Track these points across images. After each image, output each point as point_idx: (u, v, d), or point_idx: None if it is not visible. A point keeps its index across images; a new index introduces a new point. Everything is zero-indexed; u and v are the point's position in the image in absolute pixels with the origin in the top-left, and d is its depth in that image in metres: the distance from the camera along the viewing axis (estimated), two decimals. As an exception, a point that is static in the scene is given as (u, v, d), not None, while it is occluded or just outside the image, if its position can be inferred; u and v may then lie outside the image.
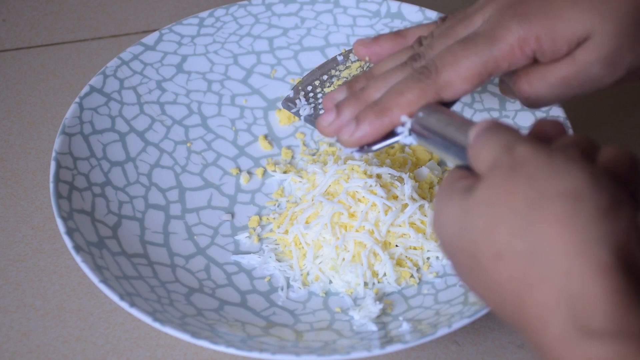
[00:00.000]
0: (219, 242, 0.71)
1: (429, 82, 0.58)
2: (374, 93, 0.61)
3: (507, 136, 0.49)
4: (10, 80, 0.84)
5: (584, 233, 0.44)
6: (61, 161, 0.70)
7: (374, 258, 0.68)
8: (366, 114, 0.60)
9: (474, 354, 0.66)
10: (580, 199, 0.45)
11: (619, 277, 0.43)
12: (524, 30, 0.57)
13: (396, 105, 0.59)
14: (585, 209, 0.44)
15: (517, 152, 0.47)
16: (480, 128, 0.51)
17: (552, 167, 0.46)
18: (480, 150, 0.50)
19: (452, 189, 0.50)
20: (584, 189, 0.45)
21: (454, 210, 0.49)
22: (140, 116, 0.76)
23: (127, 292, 0.64)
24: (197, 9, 0.90)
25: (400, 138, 0.60)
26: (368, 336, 0.64)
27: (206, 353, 0.66)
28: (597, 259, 0.43)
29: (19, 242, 0.73)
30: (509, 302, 0.46)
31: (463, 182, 0.50)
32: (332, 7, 0.81)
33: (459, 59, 0.58)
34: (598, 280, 0.43)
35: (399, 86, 0.59)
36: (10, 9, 0.90)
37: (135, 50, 0.77)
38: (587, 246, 0.44)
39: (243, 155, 0.77)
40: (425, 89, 0.58)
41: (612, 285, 0.43)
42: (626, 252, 0.44)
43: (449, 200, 0.49)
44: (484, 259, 0.47)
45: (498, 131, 0.50)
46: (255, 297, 0.68)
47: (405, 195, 0.69)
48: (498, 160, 0.48)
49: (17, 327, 0.68)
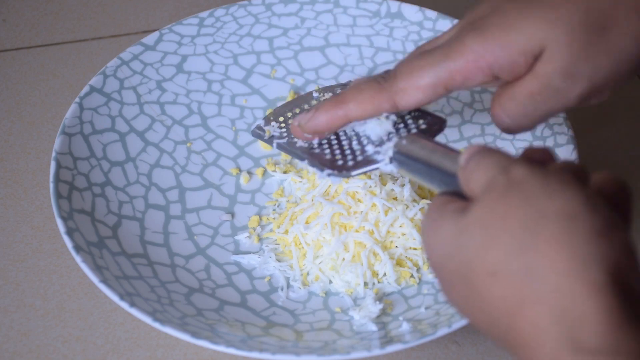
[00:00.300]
0: (219, 242, 0.71)
1: (385, 85, 0.60)
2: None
3: (501, 158, 0.49)
4: (10, 80, 0.84)
5: (579, 253, 0.44)
6: (61, 161, 0.70)
7: (374, 258, 0.68)
8: (324, 103, 0.62)
9: (474, 354, 0.66)
10: (575, 219, 0.45)
11: (613, 296, 0.43)
12: (478, 43, 0.57)
13: (352, 100, 0.61)
14: (581, 229, 0.45)
15: (512, 172, 0.47)
16: (471, 152, 0.51)
17: (547, 187, 0.46)
18: (473, 172, 0.50)
19: (443, 211, 0.50)
20: (579, 209, 0.45)
21: (447, 231, 0.49)
22: (140, 116, 0.76)
23: (127, 292, 0.64)
24: (197, 9, 0.90)
25: (380, 165, 0.61)
26: (368, 336, 0.64)
27: (206, 353, 0.66)
28: (592, 278, 0.44)
29: (19, 242, 0.73)
30: (501, 321, 0.46)
31: (453, 205, 0.50)
32: (332, 7, 0.81)
33: (414, 68, 0.59)
34: (592, 299, 0.43)
35: (359, 84, 0.62)
36: (10, 9, 0.90)
37: (135, 50, 0.77)
38: (582, 266, 0.44)
39: (243, 155, 0.77)
40: (381, 90, 0.60)
41: (606, 304, 0.43)
42: (620, 272, 0.44)
43: (441, 221, 0.49)
44: (477, 278, 0.47)
45: (491, 154, 0.50)
46: (255, 297, 0.68)
47: (405, 196, 0.69)
48: (493, 181, 0.48)
49: (17, 327, 0.68)
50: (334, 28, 0.81)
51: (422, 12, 0.79)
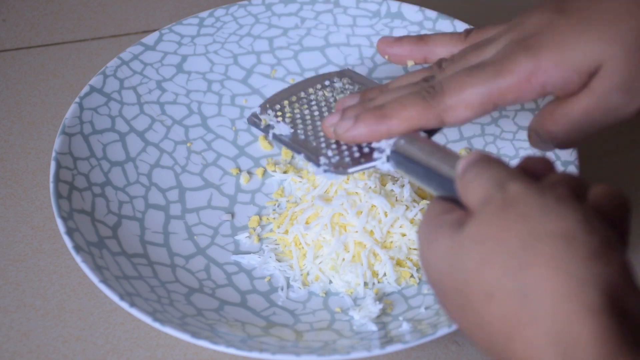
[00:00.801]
0: (219, 242, 0.71)
1: (433, 102, 0.59)
2: (379, 103, 0.61)
3: (498, 171, 0.49)
4: (10, 80, 0.84)
5: (574, 275, 0.44)
6: (61, 161, 0.70)
7: (374, 258, 0.68)
8: (366, 115, 0.60)
9: (474, 354, 0.66)
10: (571, 240, 0.45)
11: (609, 319, 0.43)
12: (532, 62, 0.57)
13: (396, 116, 0.59)
14: (577, 250, 0.44)
15: (509, 189, 0.47)
16: (469, 160, 0.50)
17: (544, 206, 0.46)
18: (470, 183, 0.49)
19: (441, 222, 0.49)
20: (575, 229, 0.45)
21: (444, 246, 0.48)
22: (140, 116, 0.76)
23: (127, 292, 0.64)
24: (197, 9, 0.90)
25: (377, 164, 0.60)
26: (368, 336, 0.64)
27: (206, 353, 0.66)
28: (588, 301, 0.43)
29: (19, 242, 0.73)
30: (499, 341, 0.46)
31: (450, 215, 0.50)
32: (332, 7, 0.81)
33: (465, 85, 0.58)
34: (588, 322, 0.43)
35: (403, 99, 0.60)
36: (10, 9, 0.90)
37: (135, 50, 0.77)
38: (577, 288, 0.44)
39: (243, 155, 0.77)
40: (427, 107, 0.59)
41: (602, 327, 0.43)
42: (616, 294, 0.44)
43: (438, 235, 0.49)
44: (474, 297, 0.47)
45: (489, 165, 0.49)
46: (255, 297, 0.68)
47: (405, 197, 0.69)
48: (489, 197, 0.48)
49: (17, 327, 0.68)
50: (334, 28, 0.81)
51: (422, 12, 0.79)
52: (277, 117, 0.66)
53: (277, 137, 0.65)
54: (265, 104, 0.67)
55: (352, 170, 0.61)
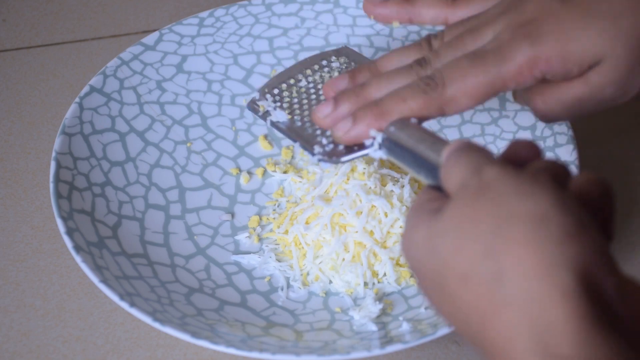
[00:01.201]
0: (219, 242, 0.71)
1: (434, 94, 0.58)
2: (374, 92, 0.60)
3: (476, 157, 0.48)
4: (10, 80, 0.84)
5: (548, 256, 0.43)
6: (61, 161, 0.70)
7: (374, 258, 0.68)
8: (365, 114, 0.59)
9: (474, 354, 0.66)
10: (545, 221, 0.44)
11: (583, 302, 0.42)
12: (535, 52, 0.57)
13: (397, 112, 0.58)
14: (550, 231, 0.44)
15: (484, 174, 0.47)
16: (452, 148, 0.50)
17: (518, 189, 0.45)
18: (451, 170, 0.49)
19: (422, 211, 0.49)
20: (549, 211, 0.44)
21: (422, 232, 0.48)
22: (140, 116, 0.76)
23: (127, 292, 0.64)
24: (197, 9, 0.90)
25: (370, 151, 0.59)
26: (368, 336, 0.64)
27: (206, 353, 0.66)
28: (561, 283, 0.43)
29: (19, 242, 0.73)
30: (474, 323, 0.46)
31: (433, 204, 0.49)
32: (332, 7, 0.81)
33: (467, 75, 0.57)
34: (561, 305, 0.43)
35: (402, 92, 0.59)
36: (10, 9, 0.90)
37: (135, 50, 0.77)
38: (550, 270, 0.43)
39: (243, 155, 0.77)
40: (429, 100, 0.58)
41: (576, 310, 0.42)
42: (591, 276, 0.43)
43: (418, 222, 0.49)
44: (451, 281, 0.46)
45: (469, 152, 0.49)
46: (255, 297, 0.68)
47: (405, 197, 0.69)
48: (465, 182, 0.47)
49: (17, 327, 0.68)
50: (334, 28, 0.81)
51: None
52: (275, 103, 0.66)
53: (274, 124, 0.65)
54: (264, 88, 0.67)
55: (345, 159, 0.61)
